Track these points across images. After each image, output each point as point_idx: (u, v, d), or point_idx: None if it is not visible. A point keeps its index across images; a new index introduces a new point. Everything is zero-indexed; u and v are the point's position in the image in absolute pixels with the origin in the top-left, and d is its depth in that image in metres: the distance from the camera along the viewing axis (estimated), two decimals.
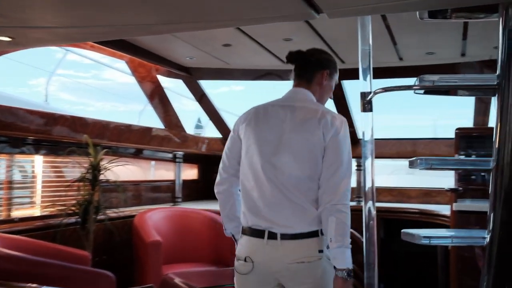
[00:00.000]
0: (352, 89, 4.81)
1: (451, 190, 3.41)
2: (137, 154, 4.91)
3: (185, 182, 5.34)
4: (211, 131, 7.16)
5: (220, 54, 4.07)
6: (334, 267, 1.96)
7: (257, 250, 2.07)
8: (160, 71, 4.61)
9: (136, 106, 6.38)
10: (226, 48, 3.84)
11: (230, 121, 5.50)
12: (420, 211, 4.65)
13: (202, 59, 4.25)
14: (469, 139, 4.02)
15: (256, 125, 2.19)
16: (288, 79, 4.64)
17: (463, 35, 3.39)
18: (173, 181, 5.23)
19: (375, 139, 5.21)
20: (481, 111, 4.53)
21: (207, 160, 5.96)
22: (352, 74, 4.60)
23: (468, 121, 4.90)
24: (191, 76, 4.68)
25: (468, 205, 3.37)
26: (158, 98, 4.75)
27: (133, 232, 4.04)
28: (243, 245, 2.13)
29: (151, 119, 5.19)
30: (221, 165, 2.29)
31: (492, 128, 4.20)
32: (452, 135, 4.94)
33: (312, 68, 2.24)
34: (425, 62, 4.08)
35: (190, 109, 7.39)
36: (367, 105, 1.99)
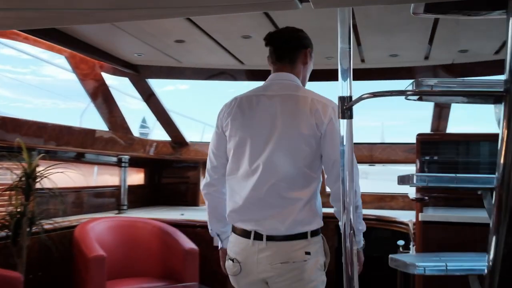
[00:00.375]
0: None
1: (417, 199, 3.26)
2: (78, 158, 4.50)
3: (131, 188, 4.96)
4: (158, 133, 6.80)
5: (171, 51, 3.75)
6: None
7: (243, 250, 2.03)
8: (105, 68, 4.23)
9: (78, 104, 5.91)
10: (178, 44, 3.52)
11: (180, 123, 5.18)
12: (377, 217, 4.55)
13: (152, 56, 3.90)
14: (430, 145, 3.93)
15: (243, 119, 2.07)
16: (242, 80, 4.40)
17: (430, 37, 3.25)
18: (118, 187, 4.84)
19: None
20: (439, 116, 4.44)
21: (155, 164, 5.61)
22: (312, 76, 4.43)
23: (415, 123, 4.85)
24: (139, 74, 4.32)
25: (435, 215, 3.23)
26: (102, 97, 4.36)
27: (73, 245, 3.65)
28: (232, 244, 2.09)
29: (94, 120, 4.79)
30: (209, 165, 2.20)
31: (452, 134, 4.10)
32: (401, 139, 4.93)
33: (294, 48, 2.13)
34: (387, 64, 3.92)
35: (133, 108, 6.99)
36: (347, 112, 1.75)
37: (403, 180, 1.47)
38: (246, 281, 2.05)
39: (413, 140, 5.07)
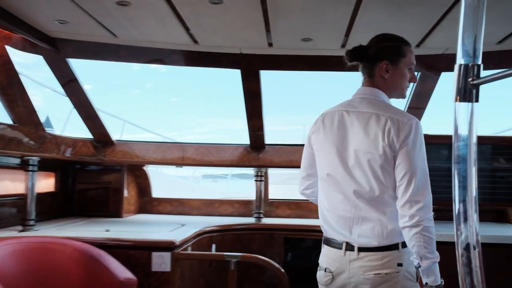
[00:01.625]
0: (268, 85, 3.88)
1: None
2: None
3: (38, 196, 3.87)
4: (74, 129, 5.75)
5: (108, 19, 2.82)
6: (426, 283, 1.95)
7: (335, 261, 2.10)
8: (11, 41, 3.18)
9: None
10: (120, 9, 2.61)
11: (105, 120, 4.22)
12: None
13: (79, 25, 2.94)
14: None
15: (324, 134, 2.16)
16: (189, 65, 3.57)
17: (439, 18, 2.65)
18: (22, 196, 3.76)
19: (285, 144, 4.41)
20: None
21: (70, 167, 4.58)
22: (278, 62, 3.70)
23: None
24: (58, 52, 3.32)
25: (442, 234, 2.67)
26: (6, 80, 3.29)
27: None
28: (324, 255, 2.18)
29: None
30: (302, 173, 2.34)
31: (446, 136, 3.62)
32: None
33: (371, 62, 2.13)
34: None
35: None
36: (471, 90, 1.05)
37: None
38: None
39: None
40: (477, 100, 1.06)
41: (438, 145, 3.63)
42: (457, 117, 1.07)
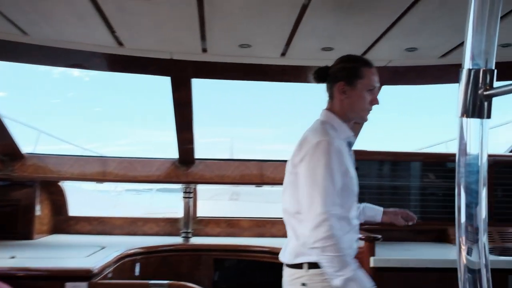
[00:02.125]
0: (200, 94, 3.59)
1: (368, 239, 2.47)
2: None
3: None
4: None
5: (16, 13, 2.39)
6: None
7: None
8: None
9: None
10: (30, 1, 2.23)
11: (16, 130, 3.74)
12: (270, 249, 3.87)
13: None
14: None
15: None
16: (114, 71, 3.21)
17: (392, 24, 2.48)
18: None
19: (216, 159, 4.14)
20: None
21: None
22: (212, 70, 3.41)
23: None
24: None
25: (392, 259, 2.49)
26: None
27: None
28: None
29: None
30: None
31: (378, 152, 3.49)
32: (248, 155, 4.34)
33: (330, 84, 2.16)
34: (315, 61, 3.11)
35: None
36: (483, 102, 0.83)
37: None
38: None
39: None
40: (489, 116, 0.84)
41: (369, 162, 3.54)
42: (465, 136, 0.84)
